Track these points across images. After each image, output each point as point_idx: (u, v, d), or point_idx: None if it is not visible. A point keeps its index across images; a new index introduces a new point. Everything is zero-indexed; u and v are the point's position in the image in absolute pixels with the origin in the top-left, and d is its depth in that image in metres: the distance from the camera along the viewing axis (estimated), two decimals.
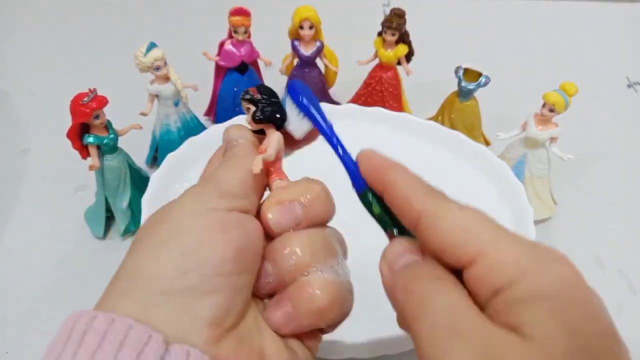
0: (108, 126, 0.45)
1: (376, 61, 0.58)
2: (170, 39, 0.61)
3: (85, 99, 0.42)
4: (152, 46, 0.48)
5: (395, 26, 0.53)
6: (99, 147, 0.44)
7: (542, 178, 0.49)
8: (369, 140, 0.53)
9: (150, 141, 0.55)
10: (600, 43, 0.81)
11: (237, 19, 0.53)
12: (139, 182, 0.48)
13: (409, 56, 0.56)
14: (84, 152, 0.44)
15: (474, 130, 0.55)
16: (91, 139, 0.44)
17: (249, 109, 0.24)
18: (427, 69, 0.59)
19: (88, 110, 0.42)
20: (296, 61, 0.58)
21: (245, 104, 0.24)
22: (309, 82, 0.58)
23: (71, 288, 0.44)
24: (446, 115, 0.56)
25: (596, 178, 0.57)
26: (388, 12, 0.55)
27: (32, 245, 0.48)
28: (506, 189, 0.45)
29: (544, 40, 0.81)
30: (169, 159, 0.46)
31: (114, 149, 0.46)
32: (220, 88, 0.58)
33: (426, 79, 0.62)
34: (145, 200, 0.42)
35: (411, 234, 0.21)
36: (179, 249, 0.20)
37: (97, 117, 0.43)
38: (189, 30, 0.79)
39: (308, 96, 0.24)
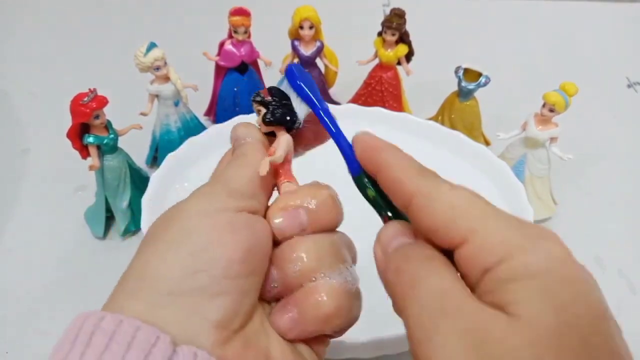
0: (108, 126, 0.45)
1: (376, 61, 0.58)
2: (170, 39, 0.61)
3: (85, 99, 0.42)
4: (152, 46, 0.48)
5: (395, 26, 0.54)
6: (99, 147, 0.44)
7: (542, 178, 0.49)
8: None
9: (150, 141, 0.55)
10: (600, 43, 0.81)
11: (237, 19, 0.53)
12: (139, 182, 0.48)
13: (409, 56, 0.56)
14: (84, 152, 0.44)
15: (474, 130, 0.55)
16: (91, 139, 0.44)
17: (259, 111, 0.24)
18: (427, 69, 0.59)
19: (88, 110, 0.42)
20: (296, 61, 0.58)
21: (256, 106, 0.24)
22: None
23: (71, 288, 0.44)
24: (446, 115, 0.56)
25: (596, 178, 0.57)
26: (388, 12, 0.55)
27: (32, 245, 0.48)
28: (506, 189, 0.45)
29: (544, 40, 0.81)
30: (169, 159, 0.46)
31: (114, 149, 0.46)
32: (220, 88, 0.58)
33: (426, 79, 0.62)
34: (145, 200, 0.41)
35: (406, 218, 0.21)
36: (188, 250, 0.20)
37: (97, 117, 0.43)
38: (189, 30, 0.79)
39: (305, 80, 0.24)
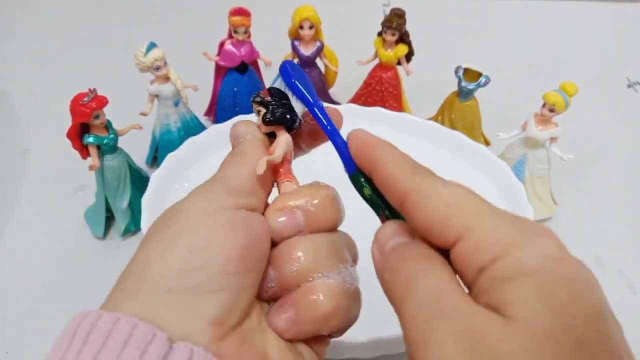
0: (108, 126, 0.45)
1: (376, 61, 0.58)
2: (170, 39, 0.61)
3: (85, 99, 0.42)
4: (152, 46, 0.48)
5: (395, 26, 0.54)
6: (99, 147, 0.44)
7: (542, 178, 0.49)
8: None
9: (150, 141, 0.55)
10: (600, 43, 0.81)
11: (237, 19, 0.53)
12: (139, 182, 0.48)
13: (409, 56, 0.56)
14: (84, 152, 0.44)
15: (474, 130, 0.55)
16: (91, 139, 0.44)
17: (259, 112, 0.24)
18: (427, 69, 0.59)
19: (88, 110, 0.42)
20: (296, 61, 0.58)
21: (256, 107, 0.24)
22: None
23: (71, 288, 0.44)
24: (446, 115, 0.56)
25: (596, 178, 0.57)
26: (388, 12, 0.55)
27: (32, 245, 0.48)
28: (506, 189, 0.45)
29: (544, 40, 0.81)
30: (169, 159, 0.46)
31: (114, 149, 0.46)
32: (220, 88, 0.58)
33: (426, 79, 0.62)
34: (145, 200, 0.41)
35: (403, 217, 0.21)
36: (186, 248, 0.20)
37: (97, 117, 0.43)
38: (189, 30, 0.79)
39: (300, 77, 0.24)
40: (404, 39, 0.55)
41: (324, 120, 0.24)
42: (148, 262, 0.20)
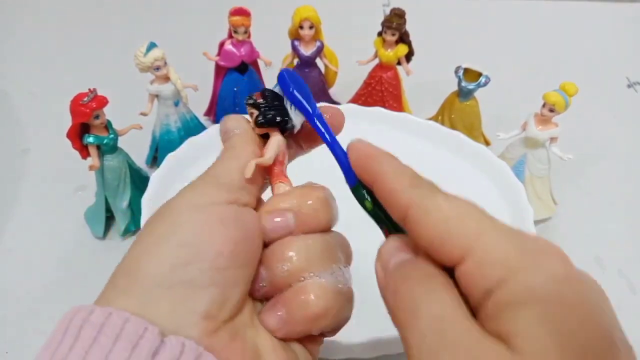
0: (108, 126, 0.45)
1: (376, 61, 0.58)
2: (170, 39, 0.61)
3: (85, 99, 0.42)
4: (152, 46, 0.48)
5: (395, 26, 0.53)
6: (99, 147, 0.44)
7: (542, 178, 0.49)
8: (369, 140, 0.53)
9: (150, 141, 0.55)
10: (600, 43, 0.81)
11: (237, 19, 0.53)
12: (139, 182, 0.48)
13: (409, 56, 0.56)
14: (84, 152, 0.44)
15: (474, 130, 0.55)
16: (91, 139, 0.44)
17: (252, 114, 0.24)
18: (427, 69, 0.59)
19: (88, 110, 0.42)
20: (296, 61, 0.58)
21: (248, 109, 0.24)
22: (309, 82, 0.58)
23: (71, 288, 0.44)
24: (446, 115, 0.56)
25: (596, 178, 0.57)
26: (388, 12, 0.55)
27: (32, 245, 0.48)
28: (506, 189, 0.45)
29: (544, 40, 0.81)
30: (169, 159, 0.46)
31: (114, 149, 0.46)
32: (220, 88, 0.58)
33: (426, 79, 0.62)
34: (145, 200, 0.42)
35: (405, 230, 0.21)
36: (177, 243, 0.20)
37: (97, 117, 0.43)
38: (189, 30, 0.79)
39: (298, 86, 0.24)
40: (404, 39, 0.55)
41: (323, 130, 0.23)
42: (140, 258, 0.20)
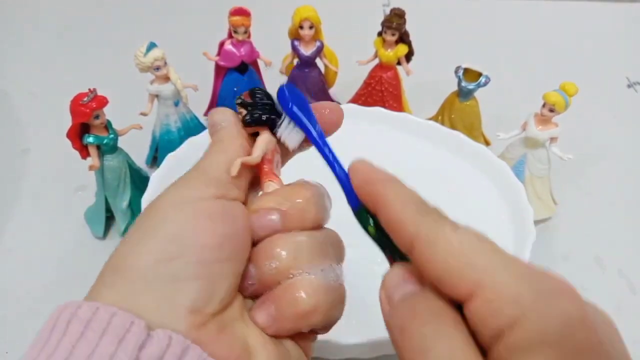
0: (108, 126, 0.45)
1: (376, 61, 0.58)
2: (170, 39, 0.60)
3: (85, 99, 0.42)
4: (152, 46, 0.48)
5: (395, 26, 0.53)
6: (99, 147, 0.44)
7: (542, 178, 0.49)
8: (369, 140, 0.53)
9: (150, 141, 0.55)
10: (600, 43, 0.81)
11: (237, 19, 0.53)
12: (139, 182, 0.48)
13: (409, 56, 0.56)
14: (84, 152, 0.44)
15: (474, 130, 0.55)
16: (91, 139, 0.44)
17: (241, 113, 0.24)
18: (427, 69, 0.59)
19: (88, 110, 0.42)
20: (296, 61, 0.58)
21: (238, 108, 0.25)
22: (309, 82, 0.58)
23: (71, 288, 0.44)
24: (446, 115, 0.56)
25: (596, 178, 0.57)
26: (388, 12, 0.55)
27: (32, 245, 0.48)
28: (506, 189, 0.45)
29: (544, 40, 0.81)
30: (169, 159, 0.46)
31: (114, 149, 0.46)
32: (220, 88, 0.58)
33: (426, 79, 0.62)
34: (145, 200, 0.41)
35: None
36: (163, 237, 0.20)
37: (97, 117, 0.43)
38: (189, 30, 0.79)
39: (299, 102, 0.23)
40: (404, 39, 0.55)
41: (325, 151, 0.23)
42: (126, 253, 0.21)
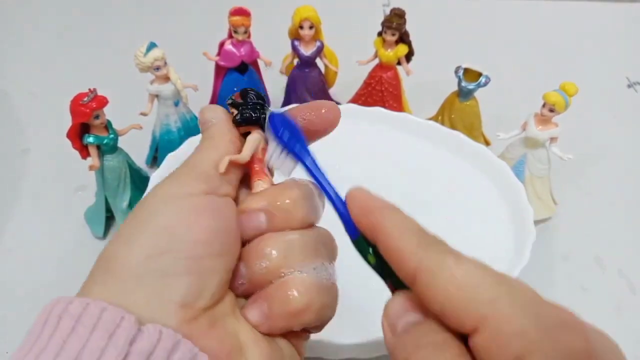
0: (108, 126, 0.45)
1: (376, 61, 0.58)
2: (170, 39, 0.60)
3: (85, 99, 0.42)
4: (152, 46, 0.48)
5: (395, 26, 0.53)
6: (99, 147, 0.44)
7: (542, 178, 0.49)
8: (369, 140, 0.53)
9: (150, 141, 0.55)
10: (600, 43, 0.81)
11: (237, 19, 0.53)
12: (139, 182, 0.48)
13: (409, 56, 0.56)
14: (84, 152, 0.44)
15: (474, 130, 0.55)
16: (91, 139, 0.44)
17: (232, 113, 0.25)
18: (427, 69, 0.59)
19: (88, 110, 0.42)
20: (296, 61, 0.58)
21: (230, 109, 0.25)
22: (309, 82, 0.58)
23: (71, 288, 0.44)
24: (446, 115, 0.56)
25: (596, 178, 0.57)
26: (388, 12, 0.55)
27: (32, 245, 0.48)
28: (506, 189, 0.45)
29: (544, 40, 0.81)
30: (169, 159, 0.46)
31: (114, 149, 0.46)
32: (220, 88, 0.58)
33: (426, 79, 0.62)
34: None
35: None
36: (153, 233, 0.20)
37: (97, 117, 0.43)
38: (189, 30, 0.79)
39: (289, 129, 0.23)
40: (404, 39, 0.55)
41: (320, 179, 0.23)
42: (116, 248, 0.21)
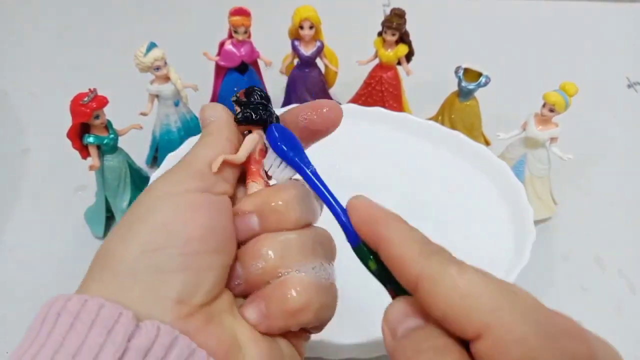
0: (108, 126, 0.45)
1: (376, 61, 0.58)
2: (170, 39, 0.60)
3: (85, 99, 0.42)
4: (152, 46, 0.48)
5: (395, 26, 0.53)
6: (99, 147, 0.44)
7: (542, 178, 0.49)
8: (369, 140, 0.53)
9: (150, 141, 0.55)
10: (600, 43, 0.81)
11: (237, 19, 0.53)
12: (139, 182, 0.48)
13: (409, 56, 0.56)
14: (84, 152, 0.44)
15: (474, 130, 0.55)
16: (91, 139, 0.44)
17: (236, 111, 0.25)
18: (427, 69, 0.59)
19: (88, 110, 0.42)
20: (296, 61, 0.58)
21: (235, 106, 0.25)
22: (309, 82, 0.58)
23: (71, 288, 0.43)
24: (446, 115, 0.56)
25: (596, 178, 0.57)
26: (388, 12, 0.55)
27: (32, 245, 0.48)
28: (506, 189, 0.45)
29: (544, 40, 0.81)
30: (169, 159, 0.46)
31: (114, 149, 0.46)
32: (220, 88, 0.58)
33: (426, 79, 0.62)
34: None
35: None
36: (148, 229, 0.21)
37: (97, 117, 0.43)
38: (189, 30, 0.79)
39: (287, 141, 0.23)
40: (404, 39, 0.55)
41: (321, 188, 0.23)
42: (113, 246, 0.21)
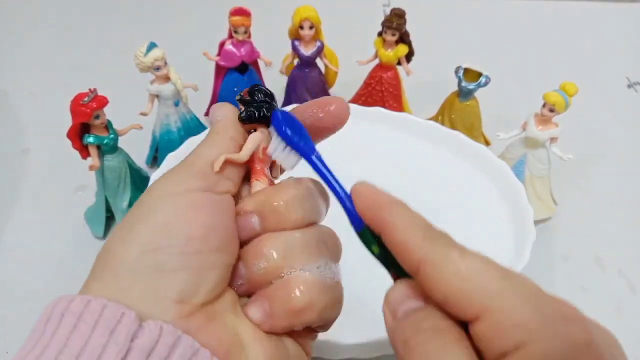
0: (108, 126, 0.45)
1: (376, 61, 0.58)
2: (170, 39, 0.61)
3: (86, 99, 0.42)
4: (152, 46, 0.48)
5: (395, 26, 0.53)
6: (99, 147, 0.44)
7: (542, 178, 0.49)
8: (369, 140, 0.53)
9: (150, 141, 0.55)
10: (600, 43, 0.81)
11: (237, 19, 0.53)
12: (139, 182, 0.48)
13: (409, 56, 0.56)
14: (84, 152, 0.44)
15: (474, 130, 0.55)
16: (91, 139, 0.44)
17: (241, 109, 0.25)
18: (427, 69, 0.59)
19: (88, 110, 0.42)
20: (296, 61, 0.58)
21: (239, 105, 0.25)
22: (309, 82, 0.58)
23: (71, 288, 0.44)
24: (446, 115, 0.56)
25: (596, 178, 0.57)
26: (388, 12, 0.55)
27: (32, 245, 0.48)
28: (506, 189, 0.45)
29: (544, 40, 0.81)
30: (169, 159, 0.46)
31: (114, 149, 0.46)
32: (220, 88, 0.58)
33: (426, 79, 0.62)
34: None
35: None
36: (148, 228, 0.21)
37: (97, 117, 0.43)
38: (189, 30, 0.79)
39: (292, 126, 0.23)
40: (404, 39, 0.55)
41: (325, 172, 0.23)
42: (114, 245, 0.21)
